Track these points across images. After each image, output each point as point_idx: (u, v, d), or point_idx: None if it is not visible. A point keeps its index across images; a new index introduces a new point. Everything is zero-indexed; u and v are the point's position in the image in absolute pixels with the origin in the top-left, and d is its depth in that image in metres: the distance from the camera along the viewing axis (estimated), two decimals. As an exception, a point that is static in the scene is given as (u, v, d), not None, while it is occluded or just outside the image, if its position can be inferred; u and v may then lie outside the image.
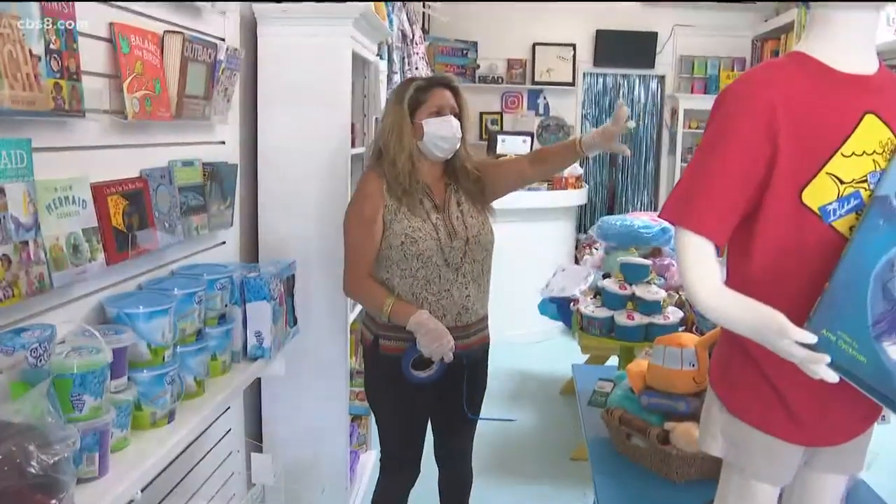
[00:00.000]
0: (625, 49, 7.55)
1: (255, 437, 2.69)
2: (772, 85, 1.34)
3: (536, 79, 7.54)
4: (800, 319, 1.26)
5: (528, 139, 6.11)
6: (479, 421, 2.36)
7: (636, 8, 7.39)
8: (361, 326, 2.34)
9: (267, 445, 2.70)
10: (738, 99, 1.35)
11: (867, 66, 1.38)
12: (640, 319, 3.37)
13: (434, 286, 2.15)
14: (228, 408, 2.22)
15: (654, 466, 2.10)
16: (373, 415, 2.40)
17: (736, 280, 1.41)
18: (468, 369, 2.20)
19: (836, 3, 1.36)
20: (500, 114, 7.62)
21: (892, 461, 3.21)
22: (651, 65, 7.62)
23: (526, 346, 5.24)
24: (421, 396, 2.21)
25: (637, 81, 7.79)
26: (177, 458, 1.74)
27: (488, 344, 2.35)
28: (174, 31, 1.82)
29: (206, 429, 1.92)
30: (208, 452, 2.24)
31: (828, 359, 1.22)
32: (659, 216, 1.44)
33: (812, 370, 1.24)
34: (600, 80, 7.78)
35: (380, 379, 2.28)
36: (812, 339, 1.22)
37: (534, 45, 7.50)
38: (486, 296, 2.30)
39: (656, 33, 7.56)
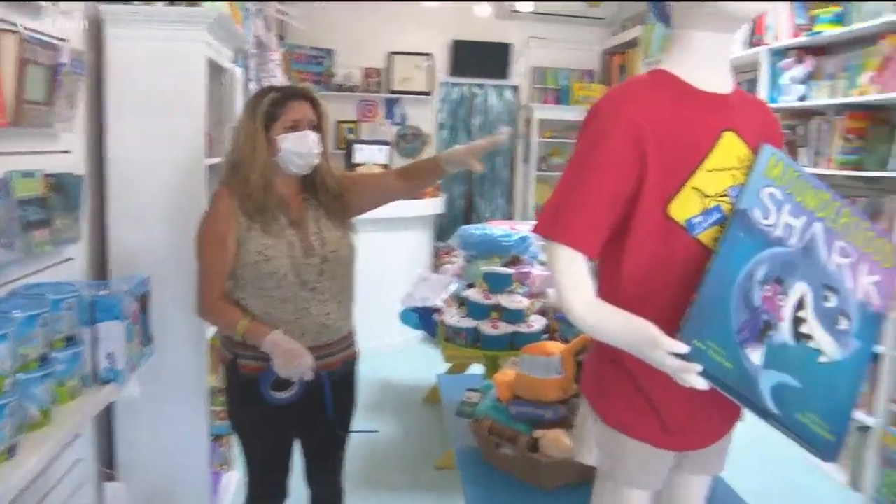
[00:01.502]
0: (480, 59, 7.69)
1: (110, 464, 2.53)
2: (638, 102, 1.38)
3: (393, 87, 7.55)
4: (669, 329, 1.30)
5: (385, 148, 6.10)
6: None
7: (491, 19, 7.55)
8: (220, 345, 2.24)
9: (122, 473, 2.55)
10: (606, 115, 1.38)
11: (724, 85, 1.45)
12: (504, 328, 3.41)
13: (290, 305, 2.08)
14: (78, 436, 2.07)
15: (524, 475, 2.13)
16: (237, 436, 2.31)
17: (608, 292, 1.44)
18: (333, 387, 2.15)
19: (698, 24, 1.41)
20: (357, 122, 7.58)
21: (745, 458, 3.40)
22: (506, 75, 7.80)
23: (386, 355, 5.21)
24: (284, 417, 2.13)
25: (492, 91, 7.95)
26: (19, 495, 1.60)
27: (355, 360, 2.30)
28: (9, 30, 1.67)
29: (53, 461, 1.78)
30: (55, 486, 2.07)
31: (700, 368, 1.26)
32: (533, 231, 1.45)
33: (684, 379, 1.28)
34: (456, 89, 7.88)
35: (240, 400, 2.19)
36: (685, 349, 1.26)
37: (390, 54, 7.51)
38: (350, 312, 2.25)
39: (511, 45, 7.75)
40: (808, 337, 1.36)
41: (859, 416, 3.52)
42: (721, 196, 1.38)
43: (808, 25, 4.10)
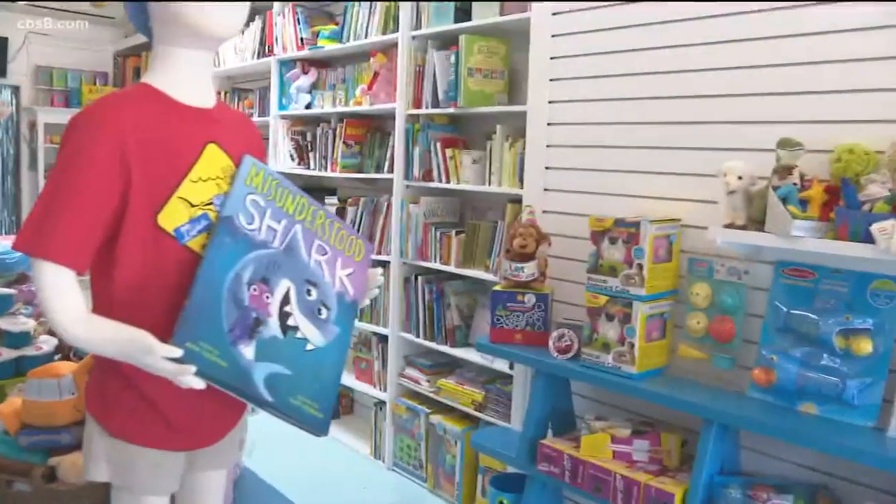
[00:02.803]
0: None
1: None
2: (122, 113, 1.38)
3: None
4: (169, 336, 1.33)
5: None
6: None
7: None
8: None
9: None
10: (89, 126, 1.36)
11: (206, 100, 1.53)
12: (8, 354, 3.07)
13: None
14: None
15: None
16: None
17: (102, 304, 1.43)
18: None
19: (176, 41, 1.47)
20: None
21: (270, 446, 3.56)
22: (3, 73, 7.02)
23: None
24: None
25: (-14, 91, 7.11)
26: None
27: None
28: None
29: None
30: None
31: (194, 369, 1.31)
32: (13, 247, 1.36)
33: (181, 381, 1.32)
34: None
35: None
36: (177, 353, 1.30)
37: None
38: None
39: (6, 39, 6.98)
40: (295, 328, 1.50)
41: (373, 391, 3.93)
42: (207, 205, 1.46)
43: (311, 40, 4.43)
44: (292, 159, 4.61)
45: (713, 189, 2.16)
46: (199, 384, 1.33)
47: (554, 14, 2.74)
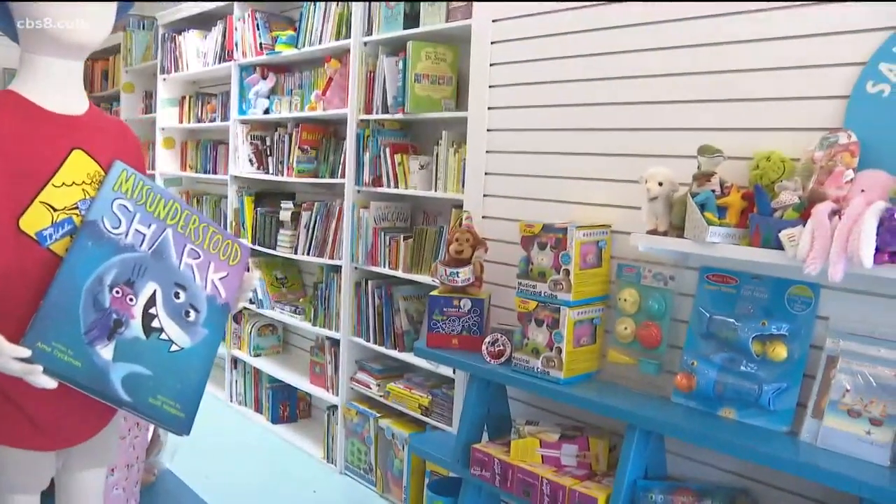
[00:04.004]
0: (-66, 57, 6.77)
1: None
2: None
3: None
4: None
5: None
6: None
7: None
8: None
9: None
10: None
11: (75, 107, 1.55)
12: None
13: None
14: None
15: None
16: None
17: None
18: None
19: (41, 49, 1.49)
20: None
21: (191, 450, 3.55)
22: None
23: None
24: None
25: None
26: None
27: None
28: None
29: None
30: None
31: (40, 369, 1.34)
32: None
33: (31, 380, 1.34)
34: None
35: None
36: (25, 353, 1.33)
37: None
38: None
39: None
40: (160, 330, 1.52)
41: (327, 396, 3.93)
42: (71, 209, 1.48)
43: (270, 45, 4.43)
44: (251, 164, 4.61)
45: (640, 196, 2.17)
46: (49, 384, 1.35)
47: (494, 21, 2.75)
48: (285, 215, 4.29)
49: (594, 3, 2.42)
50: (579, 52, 2.47)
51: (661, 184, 2.07)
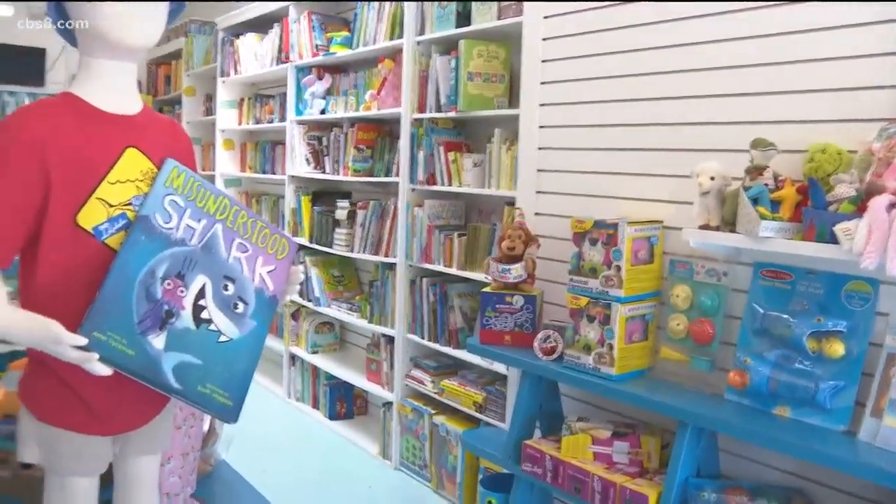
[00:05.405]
0: (9, 65, 7.04)
1: None
2: (41, 121, 1.48)
3: None
4: None
5: None
6: None
7: (18, 21, 6.93)
8: None
9: None
10: (9, 133, 1.46)
11: (128, 107, 1.61)
12: (0, 348, 3.17)
13: None
14: None
15: (24, 495, 2.06)
16: None
17: (28, 298, 1.53)
18: None
19: (97, 52, 1.54)
20: None
21: (248, 443, 3.62)
22: (42, 83, 7.25)
23: None
24: None
25: (28, 100, 7.31)
26: None
27: None
28: None
29: None
30: None
31: (96, 356, 1.40)
32: None
33: (88, 367, 1.40)
34: (-19, 96, 7.13)
35: None
36: (83, 341, 1.39)
37: None
38: None
39: (45, 49, 7.21)
40: (209, 321, 1.57)
41: (382, 392, 3.97)
42: (125, 205, 1.54)
43: (325, 46, 4.50)
44: (308, 163, 4.68)
45: (692, 190, 2.15)
46: (105, 371, 1.41)
47: (545, 17, 2.75)
48: (341, 214, 4.35)
49: (645, -3, 2.40)
50: (630, 46, 2.45)
51: (712, 178, 2.04)
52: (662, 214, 2.36)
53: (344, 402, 4.57)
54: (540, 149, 2.79)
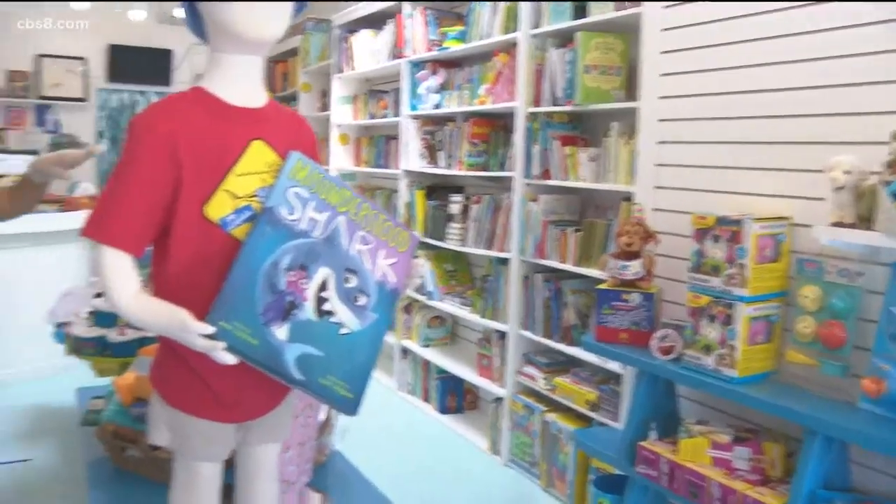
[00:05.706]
0: (140, 65, 7.42)
1: None
2: (173, 116, 1.53)
3: (43, 93, 7.02)
4: None
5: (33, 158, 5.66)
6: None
7: (150, 24, 7.29)
8: None
9: None
10: (143, 128, 1.51)
11: (255, 100, 1.65)
12: (132, 334, 3.32)
13: None
14: None
15: (152, 474, 2.16)
16: None
17: (158, 287, 1.58)
18: None
19: (226, 47, 1.59)
20: (3, 130, 6.93)
21: (360, 434, 3.67)
22: (168, 82, 7.59)
23: (41, 380, 4.85)
24: None
25: (155, 98, 7.67)
26: None
27: None
28: None
29: None
30: None
31: (223, 345, 1.44)
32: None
33: (215, 356, 1.45)
34: (116, 96, 7.52)
35: None
36: (209, 329, 1.43)
37: (38, 57, 6.97)
38: None
39: (171, 51, 7.55)
40: (331, 313, 1.58)
41: (493, 388, 3.96)
42: (251, 197, 1.58)
43: (439, 41, 4.52)
44: (423, 158, 4.72)
45: (823, 186, 2.04)
46: (230, 360, 1.45)
47: (665, 7, 2.67)
48: (455, 208, 4.36)
49: (775, -18, 2.29)
50: (753, 35, 2.35)
51: (848, 172, 1.93)
52: (789, 211, 2.25)
53: (454, 397, 4.59)
54: (659, 143, 2.71)
